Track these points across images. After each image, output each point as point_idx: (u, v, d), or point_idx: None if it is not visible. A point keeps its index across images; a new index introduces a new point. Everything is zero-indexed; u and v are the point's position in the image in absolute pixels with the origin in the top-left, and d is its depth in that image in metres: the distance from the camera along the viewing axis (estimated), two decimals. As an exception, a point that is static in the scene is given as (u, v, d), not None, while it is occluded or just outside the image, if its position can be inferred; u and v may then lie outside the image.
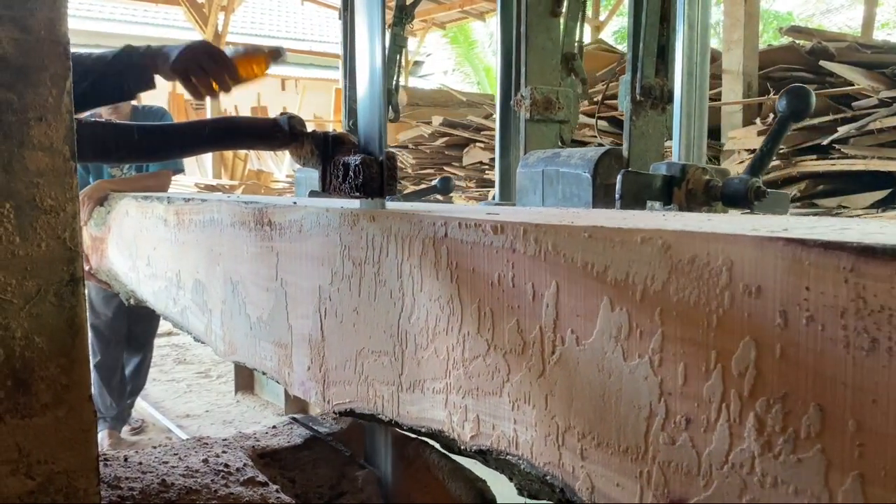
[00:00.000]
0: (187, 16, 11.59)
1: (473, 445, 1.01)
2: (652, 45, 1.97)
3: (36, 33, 0.84)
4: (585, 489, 0.84)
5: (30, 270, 0.87)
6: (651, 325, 0.74)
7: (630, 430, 0.77)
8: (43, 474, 0.89)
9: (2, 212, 0.85)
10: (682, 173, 1.74)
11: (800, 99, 1.67)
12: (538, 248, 0.87)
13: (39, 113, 0.85)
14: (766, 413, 0.64)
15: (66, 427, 0.90)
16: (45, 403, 0.88)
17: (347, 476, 1.75)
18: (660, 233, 0.73)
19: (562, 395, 0.86)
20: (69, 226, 0.89)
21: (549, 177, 1.94)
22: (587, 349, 0.82)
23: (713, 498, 0.69)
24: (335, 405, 1.33)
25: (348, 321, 1.26)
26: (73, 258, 0.90)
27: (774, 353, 0.64)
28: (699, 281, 0.69)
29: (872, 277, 0.56)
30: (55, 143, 0.87)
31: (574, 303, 0.83)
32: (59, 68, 0.86)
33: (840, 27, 17.01)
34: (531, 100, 2.31)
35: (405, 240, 1.10)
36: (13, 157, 0.84)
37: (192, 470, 1.35)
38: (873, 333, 0.56)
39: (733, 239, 0.66)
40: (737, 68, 5.39)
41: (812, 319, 0.61)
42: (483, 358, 0.97)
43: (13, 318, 0.86)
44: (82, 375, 0.91)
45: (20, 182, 0.85)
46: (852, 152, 4.47)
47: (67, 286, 0.89)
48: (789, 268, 0.62)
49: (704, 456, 0.70)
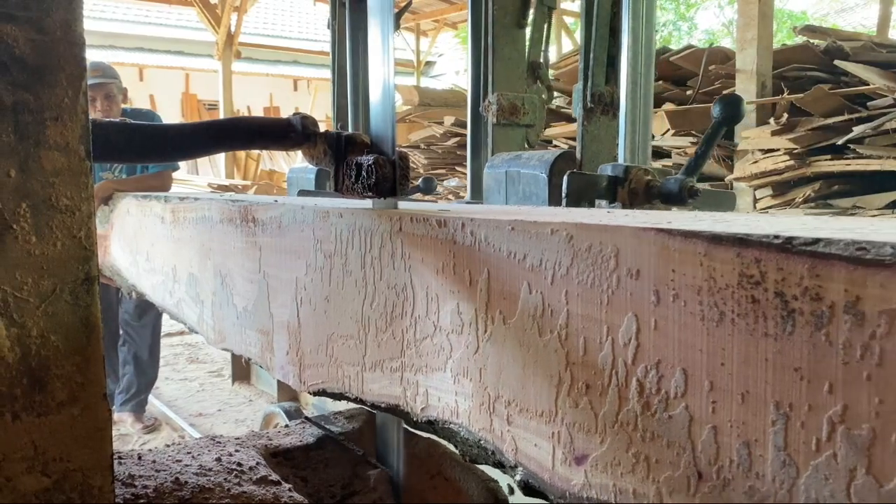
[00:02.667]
0: (200, 16, 11.65)
1: (423, 417, 1.12)
2: (602, 56, 2.16)
3: (52, 34, 0.84)
4: (510, 451, 0.94)
5: (45, 269, 0.87)
6: (559, 304, 0.85)
7: (544, 397, 0.88)
8: (58, 472, 0.89)
9: (18, 211, 0.85)
10: (625, 174, 1.88)
11: (732, 106, 1.83)
12: (473, 240, 0.99)
13: (55, 113, 0.85)
14: (645, 377, 0.75)
15: (81, 425, 0.90)
16: (60, 401, 0.89)
17: (359, 475, 1.76)
18: (565, 225, 0.84)
19: (492, 368, 0.97)
20: (84, 225, 0.89)
21: (511, 177, 2.07)
22: (511, 327, 0.93)
23: (607, 453, 0.80)
24: (310, 386, 1.42)
25: (320, 309, 1.36)
26: (89, 257, 0.90)
27: (650, 326, 0.74)
28: (594, 266, 0.80)
29: (720, 260, 0.66)
30: (71, 143, 0.87)
31: (501, 287, 0.94)
32: (75, 68, 0.86)
33: (854, 26, 16.89)
34: (498, 105, 2.47)
35: (367, 233, 1.21)
36: (29, 156, 0.84)
37: (206, 468, 1.35)
38: (721, 307, 0.66)
39: (619, 230, 0.77)
40: (750, 68, 5.36)
41: (677, 297, 0.71)
42: (431, 338, 1.08)
43: (29, 317, 0.86)
44: (97, 373, 0.91)
45: (36, 182, 0.85)
46: (867, 152, 4.43)
47: (83, 285, 0.90)
48: (659, 253, 0.72)
49: (600, 416, 0.81)
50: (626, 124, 2.06)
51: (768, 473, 0.63)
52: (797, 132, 4.71)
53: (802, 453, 0.60)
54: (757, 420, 0.63)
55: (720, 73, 5.65)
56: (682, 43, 13.74)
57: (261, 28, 17.38)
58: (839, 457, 0.58)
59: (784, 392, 0.61)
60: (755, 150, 5.01)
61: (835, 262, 0.57)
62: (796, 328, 0.60)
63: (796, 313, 0.60)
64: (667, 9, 22.55)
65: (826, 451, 0.59)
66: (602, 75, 2.18)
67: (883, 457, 0.55)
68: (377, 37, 1.26)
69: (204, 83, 15.35)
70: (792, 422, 0.61)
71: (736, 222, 0.80)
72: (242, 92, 13.70)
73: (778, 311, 0.61)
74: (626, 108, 2.06)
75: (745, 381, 0.64)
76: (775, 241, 0.61)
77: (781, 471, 0.62)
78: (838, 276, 0.57)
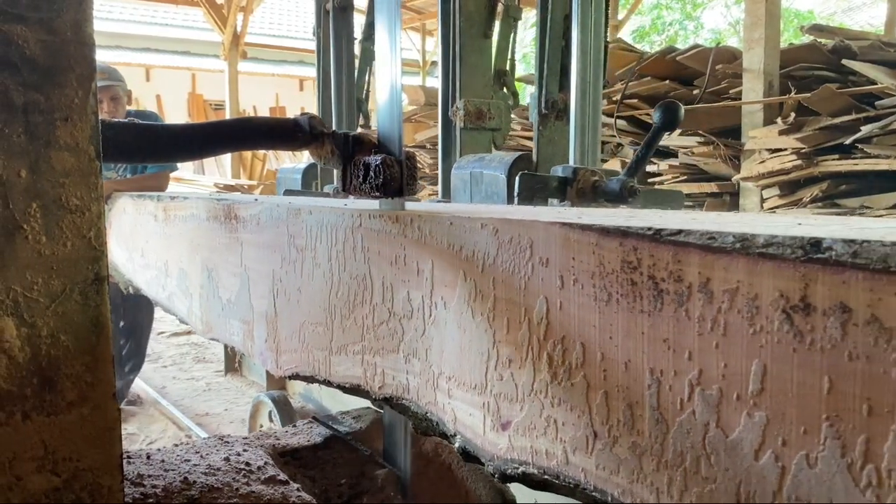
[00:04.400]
0: (206, 17, 11.68)
1: (381, 395, 1.22)
2: (555, 66, 2.35)
3: (62, 35, 0.84)
4: (451, 421, 1.05)
5: (56, 269, 0.86)
6: (488, 290, 0.96)
7: (476, 372, 0.99)
8: (68, 471, 0.89)
9: (28, 211, 0.85)
10: (574, 175, 2.03)
11: (670, 112, 1.95)
12: (420, 234, 1.09)
13: (65, 113, 0.85)
14: (553, 351, 0.86)
15: (90, 425, 0.90)
16: (70, 401, 0.88)
17: (367, 475, 1.76)
18: (492, 220, 0.95)
19: (437, 348, 1.07)
20: (94, 225, 0.89)
21: (475, 178, 2.21)
22: (451, 311, 1.03)
23: (525, 419, 0.90)
24: (285, 370, 1.53)
25: (294, 299, 1.46)
26: (98, 257, 0.90)
27: (557, 307, 0.85)
28: (515, 255, 0.91)
29: (607, 249, 0.77)
30: (81, 143, 0.87)
31: (442, 275, 1.05)
32: (85, 69, 0.86)
33: (862, 25, 16.81)
34: (465, 111, 2.62)
35: (333, 229, 1.31)
36: (40, 157, 0.84)
37: (214, 468, 1.36)
38: (609, 289, 0.77)
39: (533, 224, 0.88)
40: (757, 67, 5.33)
41: (576, 281, 0.82)
42: (386, 323, 1.18)
43: (39, 317, 0.86)
44: (106, 373, 0.91)
45: (46, 182, 0.85)
46: (875, 152, 4.40)
47: (92, 285, 0.89)
48: (563, 244, 0.83)
49: (520, 387, 0.91)
50: (577, 129, 2.21)
51: (646, 430, 0.73)
52: (804, 132, 4.68)
53: (670, 412, 0.71)
54: (637, 385, 0.74)
55: (727, 73, 5.62)
56: (689, 42, 13.64)
57: (266, 28, 17.40)
58: (697, 413, 0.68)
59: (656, 360, 0.72)
60: (762, 150, 4.99)
61: (691, 250, 0.67)
62: (664, 305, 0.70)
63: (664, 293, 0.70)
64: (673, 8, 22.51)
65: (687, 409, 0.69)
66: (555, 84, 2.37)
67: (728, 412, 0.65)
68: (384, 37, 1.26)
69: (210, 83, 15.37)
70: (662, 385, 0.71)
71: (640, 216, 0.90)
72: (248, 92, 13.73)
73: (650, 292, 0.72)
74: (576, 114, 2.22)
75: (628, 352, 0.75)
76: (648, 233, 0.72)
77: (656, 427, 0.72)
78: (694, 261, 0.67)
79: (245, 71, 13.19)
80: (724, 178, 5.32)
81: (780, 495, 0.61)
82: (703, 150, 5.31)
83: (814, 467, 0.59)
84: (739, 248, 0.63)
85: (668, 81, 5.90)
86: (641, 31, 22.04)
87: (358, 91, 3.35)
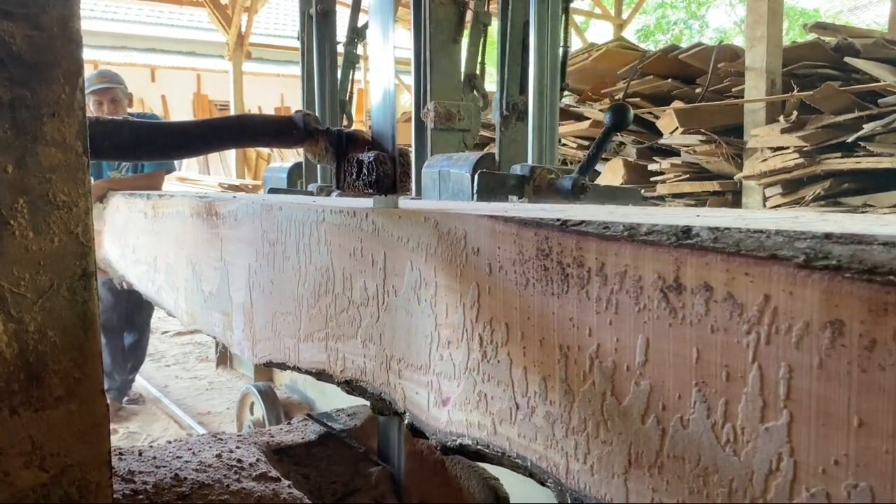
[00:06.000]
0: (211, 17, 11.70)
1: (342, 378, 1.29)
2: (515, 70, 2.47)
3: (49, 30, 0.84)
4: (401, 399, 1.13)
5: (43, 265, 0.86)
6: (430, 278, 1.04)
7: (422, 353, 1.07)
8: (56, 467, 0.88)
9: (16, 207, 0.84)
10: (531, 173, 2.11)
11: (620, 114, 2.05)
12: (374, 227, 1.17)
13: (52, 109, 0.85)
14: (483, 331, 0.94)
15: (78, 420, 0.90)
16: (57, 397, 0.88)
17: (361, 472, 1.76)
18: (434, 213, 1.03)
19: (389, 333, 1.15)
20: (82, 221, 0.88)
21: (443, 176, 2.29)
22: (400, 298, 1.11)
23: (461, 395, 0.98)
24: (260, 358, 1.60)
25: (267, 290, 1.54)
26: (86, 253, 0.89)
27: (486, 292, 0.92)
28: (452, 245, 0.98)
29: (525, 238, 0.85)
30: (68, 139, 0.86)
31: (393, 265, 1.12)
32: (72, 65, 0.86)
33: (868, 24, 16.73)
34: (435, 112, 2.71)
35: (300, 224, 1.39)
36: (27, 152, 0.84)
37: (206, 465, 1.36)
38: (527, 274, 0.85)
39: (466, 217, 0.96)
40: (760, 65, 5.30)
41: (501, 268, 0.89)
42: (346, 311, 1.26)
43: (26, 312, 0.85)
44: (94, 369, 0.91)
45: (33, 177, 0.85)
46: (878, 150, 4.37)
47: (80, 280, 0.89)
48: (491, 234, 0.91)
49: (457, 365, 0.99)
50: (535, 130, 2.33)
51: (556, 400, 0.81)
52: (807, 130, 4.66)
53: (575, 383, 0.79)
54: (549, 360, 0.82)
55: (729, 71, 5.60)
56: (694, 42, 13.62)
57: (271, 28, 17.43)
58: (596, 384, 0.76)
59: (564, 337, 0.80)
60: (765, 148, 4.97)
61: (590, 238, 0.75)
62: (570, 288, 0.78)
63: (570, 277, 0.78)
64: (678, 7, 22.46)
65: (588, 380, 0.77)
66: (516, 87, 2.49)
67: (620, 382, 0.73)
68: (378, 35, 1.26)
69: (215, 84, 15.39)
70: (569, 359, 0.79)
71: (578, 214, 0.97)
72: (253, 92, 13.74)
73: (559, 276, 0.80)
74: (533, 116, 2.33)
75: (542, 330, 0.83)
76: (556, 223, 0.80)
77: (564, 398, 0.80)
78: (592, 247, 0.75)
79: (250, 71, 13.21)
80: (727, 176, 5.31)
81: (661, 455, 0.69)
82: (705, 148, 5.29)
83: (686, 428, 0.66)
84: (627, 236, 0.70)
85: (671, 80, 5.89)
86: (646, 30, 21.99)
87: (341, 93, 3.45)
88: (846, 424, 0.53)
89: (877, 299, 0.51)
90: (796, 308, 0.56)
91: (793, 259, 0.56)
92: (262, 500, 1.31)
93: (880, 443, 0.51)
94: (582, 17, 14.19)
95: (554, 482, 0.82)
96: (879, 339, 0.51)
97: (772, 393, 0.58)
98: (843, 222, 0.78)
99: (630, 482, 0.72)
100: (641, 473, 0.71)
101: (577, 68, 7.02)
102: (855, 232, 0.55)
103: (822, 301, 0.54)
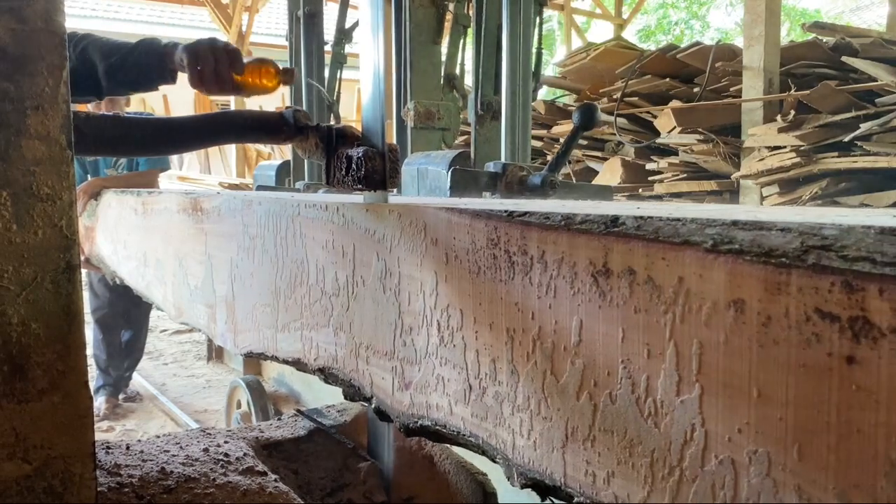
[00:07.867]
0: (212, 16, 11.74)
1: (315, 366, 1.34)
2: (490, 70, 2.55)
3: (33, 23, 0.84)
4: (368, 385, 1.18)
5: (26, 258, 0.87)
6: (395, 267, 1.08)
7: (387, 340, 1.11)
8: (39, 459, 0.89)
9: (-1, 200, 0.86)
10: (503, 170, 2.18)
11: (589, 114, 2.12)
12: (344, 220, 1.22)
13: (36, 102, 0.85)
14: (441, 318, 0.98)
15: (62, 412, 0.91)
16: (41, 389, 0.89)
17: (350, 468, 1.77)
18: (398, 206, 1.08)
19: (358, 321, 1.19)
20: (66, 214, 0.89)
21: (421, 173, 2.35)
22: (368, 288, 1.16)
23: (422, 379, 1.03)
24: (241, 349, 1.65)
25: (248, 283, 1.59)
26: (70, 246, 0.90)
27: (444, 280, 0.97)
28: (413, 237, 1.03)
29: (477, 229, 0.89)
30: (52, 132, 0.87)
31: (362, 256, 1.17)
32: (56, 58, 0.86)
33: (869, 24, 16.67)
34: (415, 111, 2.78)
35: (277, 218, 1.44)
36: (10, 145, 0.84)
37: (192, 459, 1.36)
38: (479, 263, 0.90)
39: (426, 209, 1.00)
40: (757, 64, 5.31)
41: (457, 257, 0.94)
42: (319, 301, 1.31)
43: (10, 305, 0.86)
44: (78, 362, 0.92)
45: (17, 170, 0.85)
46: (875, 149, 4.37)
47: (64, 273, 0.90)
48: (447, 225, 0.95)
49: (419, 350, 1.03)
50: (507, 128, 2.39)
51: (504, 380, 0.86)
52: (804, 129, 4.67)
53: (520, 364, 0.83)
54: (498, 343, 0.87)
55: (727, 70, 5.61)
56: (694, 41, 13.56)
57: (272, 28, 17.43)
58: (538, 364, 0.81)
59: (511, 320, 0.84)
60: (762, 148, 4.97)
61: (533, 227, 0.80)
62: (516, 274, 0.83)
63: (515, 264, 0.83)
64: (679, 7, 22.41)
65: (531, 360, 0.82)
66: (490, 87, 2.56)
67: (558, 361, 0.78)
68: (368, 30, 1.25)
69: (217, 84, 15.35)
70: (515, 342, 0.84)
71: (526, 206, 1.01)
72: (255, 92, 13.71)
73: (506, 263, 0.84)
74: (506, 115, 2.39)
75: (492, 315, 0.88)
76: (504, 214, 0.84)
77: (510, 378, 0.85)
78: (535, 236, 0.80)
79: (251, 71, 13.19)
80: (724, 175, 5.32)
81: (593, 428, 0.74)
82: (702, 147, 5.31)
83: (615, 403, 0.71)
84: (563, 225, 0.75)
85: (669, 79, 5.90)
86: (647, 30, 21.96)
87: (329, 94, 3.51)
88: (747, 395, 0.58)
89: (772, 279, 0.55)
90: (705, 289, 0.61)
91: (702, 244, 0.61)
92: (247, 494, 1.32)
93: (775, 411, 0.56)
94: (583, 17, 14.20)
95: (503, 458, 0.87)
96: (774, 315, 0.56)
97: (686, 368, 0.63)
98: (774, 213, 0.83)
99: (567, 455, 0.77)
100: (577, 447, 0.75)
101: (575, 67, 7.03)
102: (758, 219, 0.60)
103: (726, 282, 0.59)
